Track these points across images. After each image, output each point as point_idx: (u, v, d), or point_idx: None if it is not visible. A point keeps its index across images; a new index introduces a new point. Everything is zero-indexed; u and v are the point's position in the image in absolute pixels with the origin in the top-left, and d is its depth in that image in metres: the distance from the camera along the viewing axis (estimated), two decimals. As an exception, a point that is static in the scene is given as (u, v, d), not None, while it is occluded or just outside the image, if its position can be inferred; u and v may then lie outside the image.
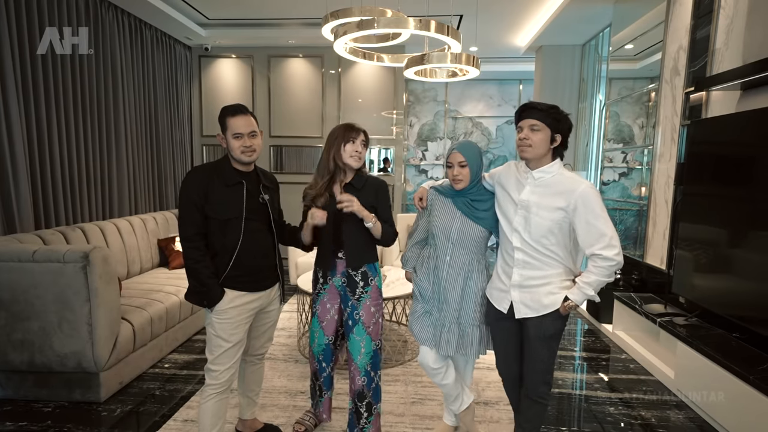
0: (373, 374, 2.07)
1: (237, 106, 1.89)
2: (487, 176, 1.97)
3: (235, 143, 1.86)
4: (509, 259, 1.82)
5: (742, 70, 2.39)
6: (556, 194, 1.71)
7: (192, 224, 1.84)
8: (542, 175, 1.75)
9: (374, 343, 2.07)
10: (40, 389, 2.57)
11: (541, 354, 1.81)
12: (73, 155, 3.71)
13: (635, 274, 3.71)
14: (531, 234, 1.74)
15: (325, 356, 2.17)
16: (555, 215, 1.70)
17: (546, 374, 1.85)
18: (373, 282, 2.06)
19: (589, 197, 1.66)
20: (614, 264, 1.66)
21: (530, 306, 1.78)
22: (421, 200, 2.05)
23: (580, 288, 1.71)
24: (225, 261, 1.88)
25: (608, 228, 1.66)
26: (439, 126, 7.49)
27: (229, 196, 1.88)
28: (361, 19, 2.91)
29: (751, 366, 2.19)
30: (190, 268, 1.86)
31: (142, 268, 3.91)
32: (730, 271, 2.51)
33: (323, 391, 2.22)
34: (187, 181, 1.87)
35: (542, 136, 1.70)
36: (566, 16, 4.42)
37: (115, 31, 4.25)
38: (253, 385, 2.23)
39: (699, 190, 2.79)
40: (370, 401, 2.08)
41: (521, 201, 1.76)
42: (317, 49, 5.73)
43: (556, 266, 1.76)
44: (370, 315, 2.05)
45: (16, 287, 2.46)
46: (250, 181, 1.95)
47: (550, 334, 1.79)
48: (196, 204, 1.83)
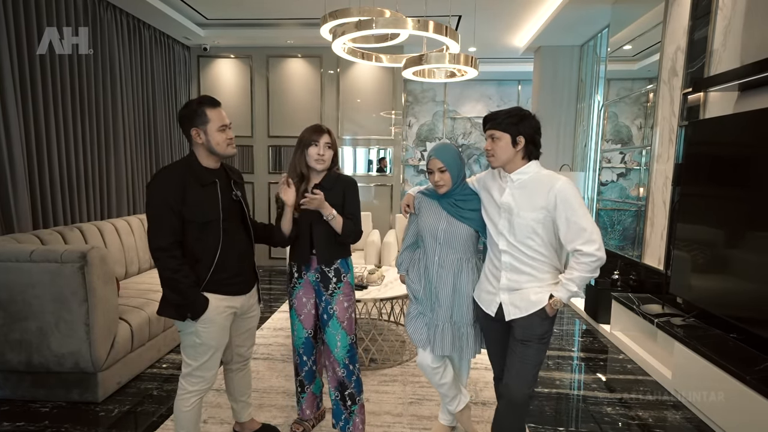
0: (352, 367, 2.10)
1: (213, 98, 1.80)
2: (474, 180, 2.01)
3: (221, 136, 1.77)
4: (497, 262, 1.84)
5: (739, 71, 2.40)
6: (535, 194, 1.73)
7: (169, 231, 1.69)
8: (520, 176, 1.77)
9: (349, 337, 2.09)
10: (38, 389, 2.57)
11: (526, 355, 1.78)
12: (72, 155, 3.71)
13: (633, 275, 3.71)
14: (516, 236, 1.76)
15: (306, 349, 2.18)
16: (536, 214, 1.72)
17: (530, 377, 1.79)
18: (345, 278, 2.09)
19: (566, 193, 1.68)
20: (595, 259, 1.66)
21: (519, 306, 1.79)
22: (408, 207, 2.08)
23: (563, 285, 1.72)
24: (206, 266, 1.78)
25: (588, 223, 1.67)
26: (437, 126, 7.49)
27: (205, 196, 1.77)
28: (359, 19, 2.91)
29: (748, 366, 2.20)
30: (169, 279, 1.71)
31: (140, 269, 3.91)
32: (728, 272, 2.52)
33: (305, 385, 2.23)
34: (160, 184, 1.72)
35: (503, 144, 1.74)
36: (565, 16, 4.42)
37: (114, 30, 4.25)
38: (245, 389, 2.19)
39: (697, 191, 2.79)
40: (352, 392, 2.11)
41: (503, 204, 1.79)
42: (316, 50, 5.73)
43: (543, 267, 1.77)
44: (343, 310, 2.07)
45: (14, 287, 2.45)
46: (221, 178, 1.85)
47: (538, 336, 1.78)
48: (172, 208, 1.69)
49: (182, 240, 1.75)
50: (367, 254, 4.85)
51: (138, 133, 4.68)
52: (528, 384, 1.79)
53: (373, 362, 3.09)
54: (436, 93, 7.42)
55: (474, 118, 7.44)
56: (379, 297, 3.04)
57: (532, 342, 1.78)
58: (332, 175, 2.06)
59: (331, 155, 2.03)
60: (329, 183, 2.03)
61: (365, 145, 5.97)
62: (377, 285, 3.27)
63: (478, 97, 7.39)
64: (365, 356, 3.14)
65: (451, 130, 7.51)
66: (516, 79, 7.22)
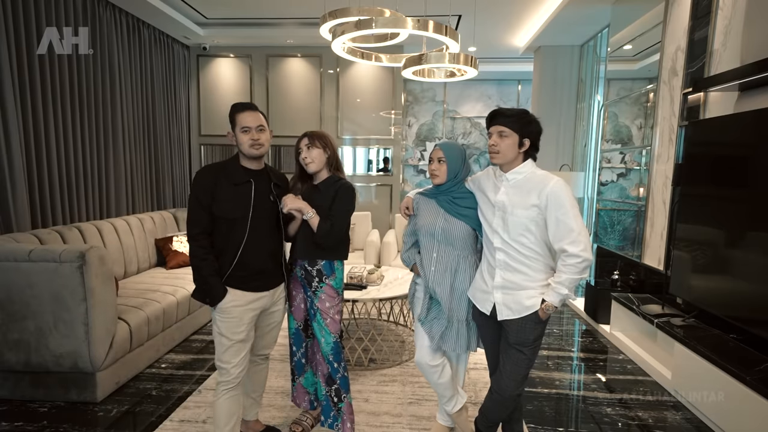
0: (336, 365, 2.12)
1: (246, 103, 1.95)
2: (470, 180, 2.03)
3: (244, 137, 1.89)
4: (492, 260, 1.86)
5: (740, 71, 2.39)
6: (529, 192, 1.75)
7: (197, 223, 1.86)
8: (515, 176, 1.80)
9: (333, 336, 2.11)
10: (36, 389, 2.56)
11: (519, 359, 1.82)
12: (71, 154, 3.70)
13: (633, 275, 3.71)
14: (510, 233, 1.78)
15: (296, 340, 2.23)
16: (529, 212, 1.74)
17: (521, 378, 1.85)
18: (327, 281, 2.10)
19: (559, 193, 1.70)
20: (581, 260, 1.67)
21: (512, 308, 1.81)
22: (407, 209, 2.11)
23: (553, 289, 1.74)
24: (228, 260, 1.89)
25: (576, 224, 1.68)
26: (437, 126, 7.49)
27: (237, 195, 1.89)
28: (359, 18, 2.90)
29: (748, 367, 2.20)
30: (195, 266, 1.87)
31: (139, 268, 3.90)
32: (728, 272, 2.51)
33: (295, 375, 2.28)
34: (196, 179, 1.90)
35: (510, 142, 1.76)
36: (565, 16, 4.41)
37: (113, 30, 4.24)
38: (257, 386, 2.23)
39: (697, 191, 2.79)
40: (338, 388, 2.13)
41: (497, 202, 1.82)
42: (315, 49, 5.72)
43: (537, 265, 1.79)
44: (325, 309, 2.09)
45: (12, 287, 2.45)
46: (259, 179, 1.96)
47: (531, 341, 1.81)
48: (202, 203, 1.85)
49: (211, 232, 1.89)
50: (366, 254, 4.85)
51: (137, 132, 4.67)
52: (518, 384, 1.85)
53: (372, 362, 3.09)
54: (436, 93, 7.42)
55: (474, 118, 7.44)
56: (378, 297, 3.03)
57: (524, 347, 1.81)
58: (332, 178, 2.10)
59: (318, 154, 2.05)
60: (325, 185, 2.08)
61: (365, 144, 5.96)
62: (376, 285, 3.26)
63: (478, 96, 7.39)
64: (364, 356, 3.14)
65: (450, 130, 7.50)
66: (516, 78, 7.22)
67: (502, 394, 1.87)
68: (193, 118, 5.94)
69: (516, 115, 1.76)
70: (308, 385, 2.30)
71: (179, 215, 4.67)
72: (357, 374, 2.92)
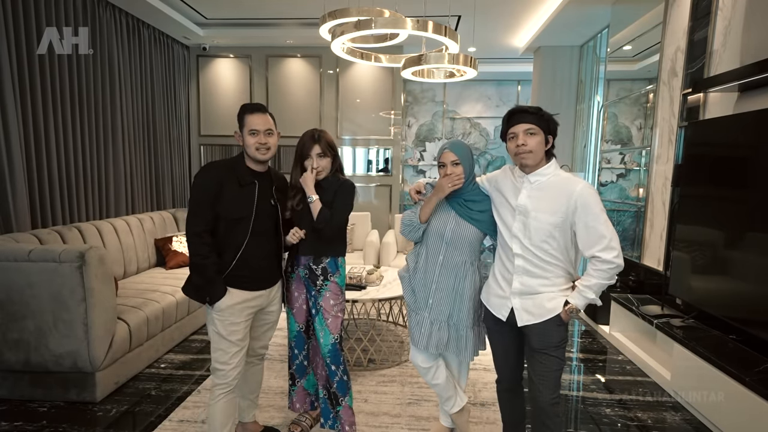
0: (334, 368, 2.11)
1: (256, 104, 1.95)
2: (485, 180, 1.95)
3: (251, 140, 1.89)
4: (509, 265, 1.76)
5: (739, 72, 2.39)
6: (554, 197, 1.66)
7: (202, 220, 1.84)
8: (538, 178, 1.70)
9: (332, 336, 2.10)
10: (36, 389, 2.56)
11: (547, 361, 1.72)
12: (70, 154, 3.70)
13: (632, 276, 3.71)
14: (531, 239, 1.68)
15: (297, 343, 2.22)
16: (554, 218, 1.64)
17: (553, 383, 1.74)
18: (332, 278, 2.11)
19: (588, 198, 1.61)
20: (614, 266, 1.61)
21: (532, 312, 1.72)
22: (418, 193, 2.02)
23: (580, 292, 1.67)
24: (228, 259, 1.89)
25: (607, 230, 1.61)
26: (437, 126, 7.48)
27: (242, 195, 1.90)
28: (358, 19, 2.90)
29: (747, 368, 2.19)
30: (198, 264, 1.85)
31: (138, 268, 3.90)
32: (727, 273, 2.51)
33: (296, 378, 2.26)
34: (200, 176, 1.88)
35: (539, 140, 1.66)
36: (564, 17, 4.41)
37: (113, 30, 4.24)
38: (254, 387, 2.22)
39: (696, 192, 2.79)
40: (335, 392, 2.13)
41: (518, 206, 1.71)
42: (315, 49, 5.72)
43: (557, 271, 1.71)
44: (329, 307, 2.09)
45: (12, 287, 2.45)
46: (263, 181, 1.96)
47: (555, 344, 1.71)
48: (207, 201, 1.84)
49: (213, 230, 1.88)
50: (366, 254, 4.85)
51: (137, 132, 4.67)
52: (551, 389, 1.73)
53: (371, 362, 3.09)
54: (436, 93, 7.41)
55: (473, 119, 7.44)
56: (377, 297, 3.03)
57: (550, 350, 1.72)
58: (335, 177, 2.11)
59: (327, 162, 2.05)
60: (327, 183, 2.09)
61: (364, 145, 5.96)
62: (376, 285, 3.26)
63: (478, 97, 7.38)
64: (363, 357, 3.14)
65: (450, 131, 7.50)
66: (515, 79, 7.21)
67: (538, 403, 1.75)
68: (193, 119, 5.94)
69: (539, 111, 1.66)
70: (309, 387, 2.30)
71: (179, 215, 4.67)
72: (356, 374, 2.92)
